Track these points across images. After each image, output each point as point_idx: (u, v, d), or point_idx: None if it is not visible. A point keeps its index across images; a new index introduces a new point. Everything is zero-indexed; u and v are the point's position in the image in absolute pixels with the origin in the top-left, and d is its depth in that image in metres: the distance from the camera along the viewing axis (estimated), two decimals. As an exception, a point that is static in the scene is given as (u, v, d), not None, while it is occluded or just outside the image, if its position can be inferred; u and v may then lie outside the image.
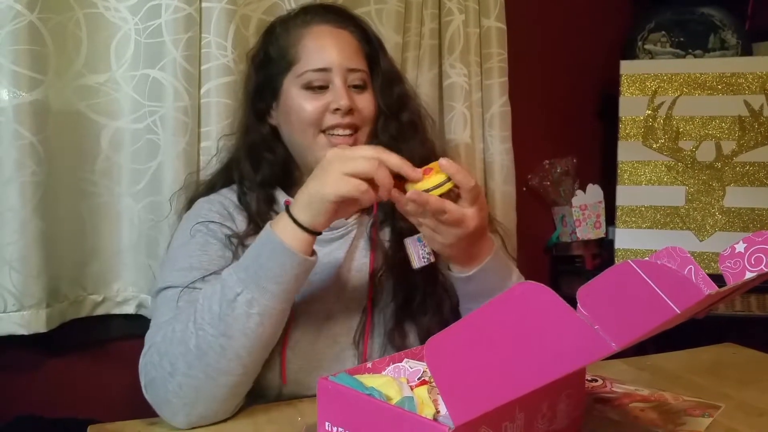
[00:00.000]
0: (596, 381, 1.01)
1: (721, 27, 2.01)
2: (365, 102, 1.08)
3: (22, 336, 1.29)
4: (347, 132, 1.05)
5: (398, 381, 0.77)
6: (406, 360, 0.85)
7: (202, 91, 1.41)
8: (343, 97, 1.03)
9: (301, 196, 0.87)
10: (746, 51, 1.99)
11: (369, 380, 0.76)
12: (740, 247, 0.78)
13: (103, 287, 1.43)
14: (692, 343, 1.22)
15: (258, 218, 1.07)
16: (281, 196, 1.11)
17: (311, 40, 1.07)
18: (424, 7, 1.67)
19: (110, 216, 1.41)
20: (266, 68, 1.11)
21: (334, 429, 0.72)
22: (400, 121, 1.13)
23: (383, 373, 0.82)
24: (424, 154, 1.10)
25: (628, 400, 0.94)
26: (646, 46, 2.06)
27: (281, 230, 0.87)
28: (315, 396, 0.73)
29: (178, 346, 0.86)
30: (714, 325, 1.42)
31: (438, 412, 0.70)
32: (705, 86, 1.86)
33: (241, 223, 1.08)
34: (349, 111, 1.04)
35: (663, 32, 2.05)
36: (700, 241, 1.83)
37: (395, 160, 0.85)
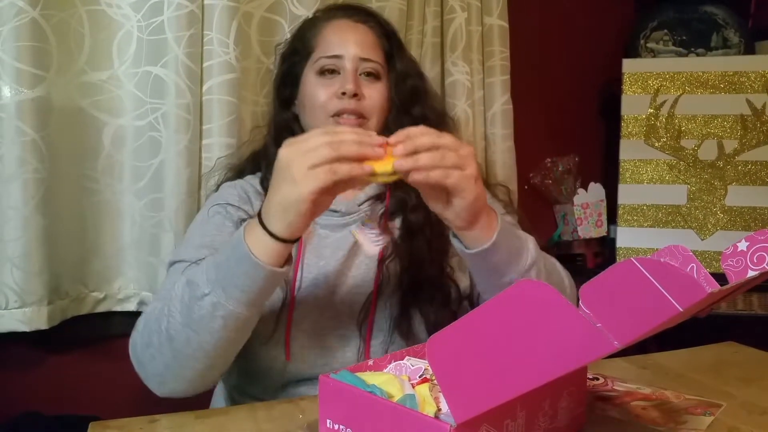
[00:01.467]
0: (598, 379, 1.01)
1: (724, 25, 2.01)
2: (374, 91, 1.11)
3: (24, 333, 1.29)
4: (353, 117, 1.08)
5: (400, 379, 0.77)
6: (407, 358, 0.84)
7: (205, 88, 1.41)
8: (349, 81, 1.07)
9: (272, 205, 0.81)
10: (749, 49, 1.99)
11: (370, 378, 0.76)
12: (743, 245, 0.78)
13: (105, 284, 1.43)
14: (694, 341, 1.22)
15: None
16: None
17: (330, 31, 1.13)
18: (426, 5, 1.67)
19: (112, 213, 1.41)
20: (290, 58, 1.18)
21: (336, 426, 0.72)
22: (412, 115, 1.14)
23: (385, 370, 0.82)
24: None
25: (629, 399, 0.93)
26: (648, 45, 2.05)
27: (253, 240, 0.81)
28: (318, 378, 0.73)
29: (155, 324, 0.89)
30: (716, 323, 1.42)
31: (439, 409, 0.70)
32: (707, 85, 1.86)
33: (257, 207, 1.09)
34: (354, 95, 1.07)
35: (665, 31, 2.04)
36: (702, 239, 1.83)
37: (352, 137, 0.78)
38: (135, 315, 1.45)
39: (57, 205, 1.33)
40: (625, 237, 1.88)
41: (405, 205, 1.11)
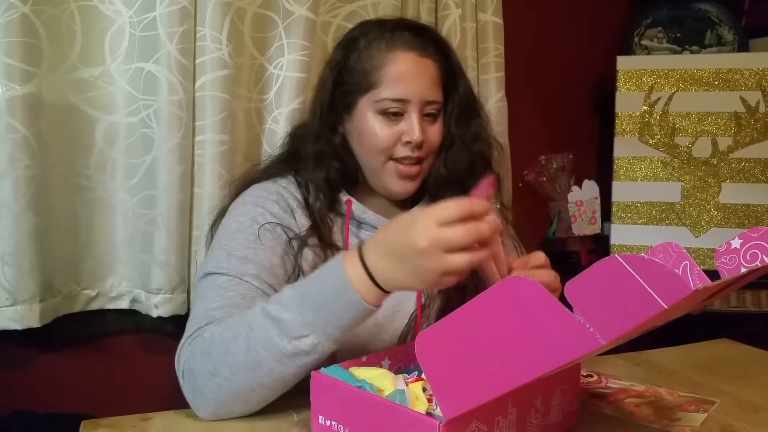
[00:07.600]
0: (592, 376, 1.01)
1: (718, 23, 2.01)
2: (434, 134, 1.08)
3: (15, 331, 1.28)
4: (413, 163, 1.07)
5: (393, 374, 0.77)
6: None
7: (197, 84, 1.40)
8: (416, 131, 1.03)
9: (389, 273, 0.78)
10: (743, 47, 1.99)
11: (361, 372, 0.76)
12: (736, 243, 0.78)
13: (97, 282, 1.42)
14: (688, 338, 1.22)
15: (320, 221, 1.06)
16: (343, 197, 1.11)
17: (394, 68, 1.04)
18: (420, 1, 1.66)
19: (104, 210, 1.41)
20: (343, 84, 1.09)
21: (328, 423, 0.72)
22: (471, 151, 1.13)
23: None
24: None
25: (623, 396, 0.94)
26: (642, 42, 2.05)
27: (360, 284, 0.79)
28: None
29: (225, 356, 0.84)
30: (709, 320, 1.43)
31: (434, 409, 0.70)
32: (701, 82, 1.86)
33: (301, 218, 1.07)
34: (419, 144, 1.05)
35: (659, 28, 2.04)
36: (696, 237, 1.83)
37: (497, 247, 0.79)
38: (128, 313, 1.45)
39: (49, 203, 1.32)
40: (619, 234, 1.88)
41: None
